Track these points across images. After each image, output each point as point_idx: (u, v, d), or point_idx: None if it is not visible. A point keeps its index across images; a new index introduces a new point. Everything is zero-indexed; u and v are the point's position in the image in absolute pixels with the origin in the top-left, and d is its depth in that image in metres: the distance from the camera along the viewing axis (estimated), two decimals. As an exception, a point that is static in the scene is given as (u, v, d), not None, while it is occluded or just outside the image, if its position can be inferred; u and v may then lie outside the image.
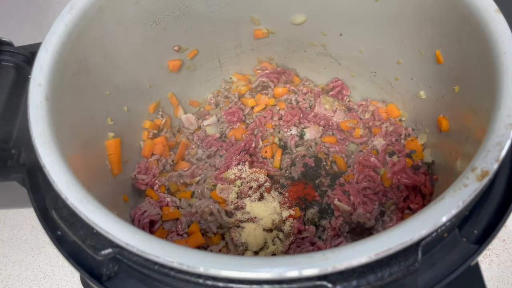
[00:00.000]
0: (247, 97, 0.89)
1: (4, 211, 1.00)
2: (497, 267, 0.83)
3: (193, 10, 0.74)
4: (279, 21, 0.80)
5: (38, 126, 0.48)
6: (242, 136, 0.84)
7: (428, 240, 0.41)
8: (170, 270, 0.40)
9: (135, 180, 0.76)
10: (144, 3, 0.66)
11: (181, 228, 0.71)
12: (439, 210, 0.39)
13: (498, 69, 0.49)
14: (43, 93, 0.50)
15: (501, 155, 0.42)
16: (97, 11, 0.60)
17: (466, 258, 0.44)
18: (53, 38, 0.54)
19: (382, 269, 0.40)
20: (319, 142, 0.83)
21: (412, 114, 0.80)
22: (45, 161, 0.45)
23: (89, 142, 0.62)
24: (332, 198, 0.74)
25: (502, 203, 0.47)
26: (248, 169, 0.77)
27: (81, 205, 0.43)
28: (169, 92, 0.84)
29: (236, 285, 0.39)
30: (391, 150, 0.78)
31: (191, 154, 0.83)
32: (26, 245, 0.94)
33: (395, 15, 0.69)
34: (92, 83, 0.63)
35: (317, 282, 0.39)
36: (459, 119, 0.63)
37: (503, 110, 0.45)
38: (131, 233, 0.40)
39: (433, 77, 0.69)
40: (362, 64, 0.83)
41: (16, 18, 1.40)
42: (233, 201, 0.74)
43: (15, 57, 0.67)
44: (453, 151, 0.63)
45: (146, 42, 0.72)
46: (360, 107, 0.86)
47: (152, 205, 0.72)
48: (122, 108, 0.73)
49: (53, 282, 0.89)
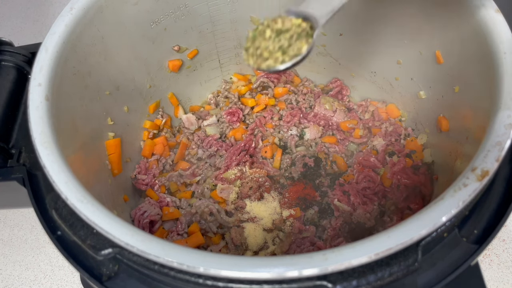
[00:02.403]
0: (247, 97, 0.89)
1: (4, 211, 1.00)
2: (497, 267, 0.83)
3: (193, 10, 0.74)
4: (279, 21, 0.80)
5: (38, 126, 0.48)
6: (242, 136, 0.84)
7: (428, 240, 0.41)
8: (170, 270, 0.40)
9: (135, 180, 0.76)
10: (144, 3, 0.66)
11: (181, 228, 0.71)
12: (439, 210, 0.39)
13: (498, 69, 0.49)
14: (43, 93, 0.50)
15: (501, 155, 0.42)
16: (97, 11, 0.60)
17: (466, 258, 0.44)
18: (53, 38, 0.54)
19: (382, 269, 0.40)
20: (319, 142, 0.83)
21: (412, 114, 0.80)
22: (45, 161, 0.45)
23: (89, 142, 0.62)
24: (332, 198, 0.74)
25: (502, 203, 0.47)
26: (248, 169, 0.77)
27: (81, 205, 0.43)
28: (169, 92, 0.84)
29: (236, 285, 0.39)
30: (391, 150, 0.78)
31: (191, 154, 0.83)
32: (26, 245, 0.94)
33: (395, 15, 0.69)
34: (92, 83, 0.63)
35: (317, 282, 0.39)
36: (459, 119, 0.63)
37: (503, 110, 0.45)
38: (131, 233, 0.40)
39: (433, 77, 0.69)
40: (362, 64, 0.83)
41: (16, 18, 1.40)
42: (233, 201, 0.74)
43: (15, 57, 0.67)
44: (453, 151, 0.63)
45: (146, 42, 0.72)
46: (360, 107, 0.86)
47: (152, 205, 0.72)
48: (122, 108, 0.73)
49: (53, 282, 0.89)
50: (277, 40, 0.45)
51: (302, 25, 0.45)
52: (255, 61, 0.46)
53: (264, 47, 0.45)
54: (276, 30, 0.45)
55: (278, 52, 0.45)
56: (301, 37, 0.45)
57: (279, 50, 0.45)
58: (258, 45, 0.45)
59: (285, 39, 0.45)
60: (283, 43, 0.45)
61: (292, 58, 0.45)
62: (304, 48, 0.45)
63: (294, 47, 0.45)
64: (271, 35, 0.45)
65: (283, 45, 0.45)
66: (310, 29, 0.45)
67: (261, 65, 0.45)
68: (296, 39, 0.45)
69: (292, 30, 0.45)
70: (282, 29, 0.45)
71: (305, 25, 0.45)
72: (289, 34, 0.45)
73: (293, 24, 0.45)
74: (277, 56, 0.45)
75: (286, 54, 0.45)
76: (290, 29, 0.45)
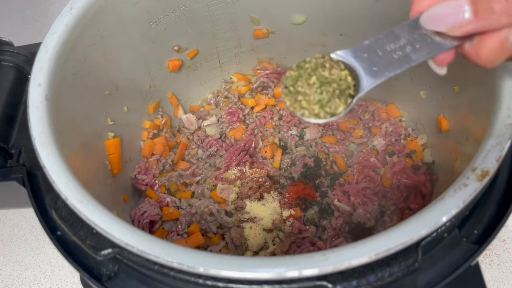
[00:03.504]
0: (247, 97, 0.89)
1: (4, 211, 1.00)
2: (497, 267, 0.83)
3: (193, 10, 0.74)
4: (279, 21, 0.80)
5: (38, 126, 0.48)
6: (242, 136, 0.84)
7: (428, 240, 0.41)
8: (170, 270, 0.40)
9: (135, 180, 0.76)
10: (144, 3, 0.66)
11: (181, 228, 0.71)
12: (439, 210, 0.39)
13: (498, 69, 0.49)
14: (43, 93, 0.50)
15: (501, 155, 0.42)
16: (97, 11, 0.60)
17: (466, 258, 0.44)
18: (53, 38, 0.54)
19: (382, 269, 0.40)
20: (319, 142, 0.83)
21: (412, 114, 0.80)
22: (45, 161, 0.45)
23: (89, 142, 0.62)
24: (332, 198, 0.74)
25: (502, 203, 0.47)
26: (248, 170, 0.77)
27: (81, 205, 0.43)
28: (169, 92, 0.84)
29: (236, 285, 0.39)
30: (391, 150, 0.78)
31: (191, 154, 0.83)
32: (26, 245, 0.94)
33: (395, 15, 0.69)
34: (92, 83, 0.63)
35: (317, 282, 0.39)
36: (459, 119, 0.63)
37: (503, 110, 0.45)
38: (131, 233, 0.40)
39: (433, 77, 0.69)
40: (362, 64, 0.83)
41: (16, 18, 1.40)
42: (233, 201, 0.74)
43: (15, 57, 0.67)
44: (453, 151, 0.63)
45: (146, 42, 0.72)
46: (360, 107, 0.86)
47: (152, 206, 0.72)
48: (122, 108, 0.73)
49: (53, 282, 0.89)
50: (319, 92, 0.43)
51: (348, 80, 0.43)
52: (291, 103, 0.44)
53: (305, 94, 0.44)
54: (322, 78, 0.43)
55: (316, 104, 0.43)
56: (342, 95, 0.43)
57: (318, 103, 0.43)
58: (300, 89, 0.44)
59: (327, 92, 0.43)
60: (324, 97, 0.43)
61: (326, 115, 0.44)
62: (340, 108, 0.43)
63: (332, 104, 0.43)
64: (315, 83, 0.43)
65: (324, 99, 0.43)
66: (353, 88, 0.43)
67: (296, 110, 0.44)
68: (336, 96, 0.43)
69: (336, 83, 0.43)
70: (328, 79, 0.43)
71: (350, 82, 0.43)
72: (332, 88, 0.43)
73: (339, 76, 0.43)
74: (313, 108, 0.43)
75: (322, 109, 0.43)
76: (335, 81, 0.43)
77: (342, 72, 0.43)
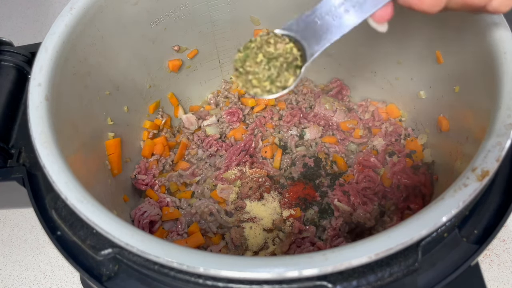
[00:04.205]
0: (247, 97, 0.89)
1: (4, 211, 1.00)
2: (497, 267, 0.83)
3: (193, 10, 0.74)
4: (279, 21, 0.80)
5: (38, 126, 0.48)
6: (242, 136, 0.84)
7: (428, 240, 0.41)
8: (170, 270, 0.40)
9: (135, 180, 0.76)
10: (144, 3, 0.66)
11: (181, 228, 0.71)
12: (439, 210, 0.39)
13: (498, 69, 0.49)
14: (43, 93, 0.50)
15: (501, 155, 0.42)
16: (97, 11, 0.60)
17: (466, 258, 0.44)
18: (53, 38, 0.54)
19: (382, 269, 0.40)
20: (319, 142, 0.83)
21: (412, 114, 0.80)
22: (45, 161, 0.45)
23: (89, 142, 0.62)
24: (332, 198, 0.74)
25: (502, 203, 0.47)
26: (248, 170, 0.77)
27: (81, 205, 0.43)
28: (169, 92, 0.84)
29: (236, 285, 0.39)
30: (391, 150, 0.78)
31: (191, 154, 0.83)
32: (26, 245, 0.94)
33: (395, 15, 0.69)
34: (92, 83, 0.63)
35: (317, 282, 0.39)
36: (459, 119, 0.63)
37: (503, 110, 0.45)
38: (131, 233, 0.40)
39: (433, 77, 0.69)
40: (362, 64, 0.83)
41: (16, 18, 1.40)
42: (233, 201, 0.74)
43: (15, 57, 0.67)
44: (453, 151, 0.63)
45: (146, 42, 0.72)
46: (360, 108, 0.86)
47: (152, 206, 0.72)
48: (122, 108, 0.73)
49: (53, 282, 0.89)
50: (267, 68, 0.45)
51: (294, 51, 0.45)
52: (244, 84, 0.46)
53: (254, 73, 0.46)
54: (268, 54, 0.45)
55: (266, 81, 0.45)
56: (290, 67, 0.45)
57: (267, 79, 0.45)
58: (249, 69, 0.46)
59: (275, 67, 0.45)
60: (272, 73, 0.45)
61: (278, 89, 0.46)
62: (291, 80, 0.46)
63: (281, 78, 0.46)
64: (262, 60, 0.45)
65: (272, 74, 0.45)
66: (300, 58, 0.46)
67: (249, 90, 0.46)
68: (285, 69, 0.45)
69: (282, 57, 0.45)
70: (274, 54, 0.45)
71: (296, 53, 0.45)
72: (279, 62, 0.45)
73: (285, 50, 0.45)
74: (265, 85, 0.46)
75: (273, 84, 0.46)
76: (281, 55, 0.45)
77: (287, 45, 0.45)
